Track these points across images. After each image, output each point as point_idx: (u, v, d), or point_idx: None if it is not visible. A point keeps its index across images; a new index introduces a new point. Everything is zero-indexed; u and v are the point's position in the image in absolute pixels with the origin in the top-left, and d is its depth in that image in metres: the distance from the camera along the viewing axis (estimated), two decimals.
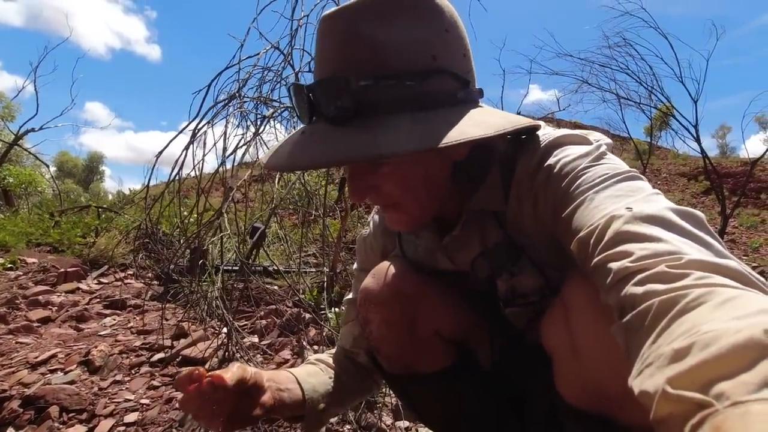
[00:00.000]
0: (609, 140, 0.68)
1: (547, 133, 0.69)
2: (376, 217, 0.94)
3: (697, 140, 5.33)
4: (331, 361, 0.95)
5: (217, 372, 0.68)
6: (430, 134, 0.55)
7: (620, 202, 0.51)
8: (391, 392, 1.49)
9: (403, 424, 1.43)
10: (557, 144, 0.66)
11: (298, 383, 0.84)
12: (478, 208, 0.72)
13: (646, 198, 0.51)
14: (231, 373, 0.69)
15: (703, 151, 5.38)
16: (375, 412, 1.43)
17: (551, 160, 0.63)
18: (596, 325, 0.56)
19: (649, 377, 0.34)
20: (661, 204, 0.49)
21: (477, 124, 0.58)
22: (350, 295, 1.00)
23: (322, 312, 2.10)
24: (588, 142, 0.65)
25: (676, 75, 5.36)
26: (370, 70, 0.56)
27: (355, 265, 1.01)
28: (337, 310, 2.09)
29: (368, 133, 0.55)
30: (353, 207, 3.01)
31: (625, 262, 0.44)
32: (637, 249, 0.44)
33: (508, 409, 0.88)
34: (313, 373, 0.89)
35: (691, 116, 5.54)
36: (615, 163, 0.60)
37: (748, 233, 7.24)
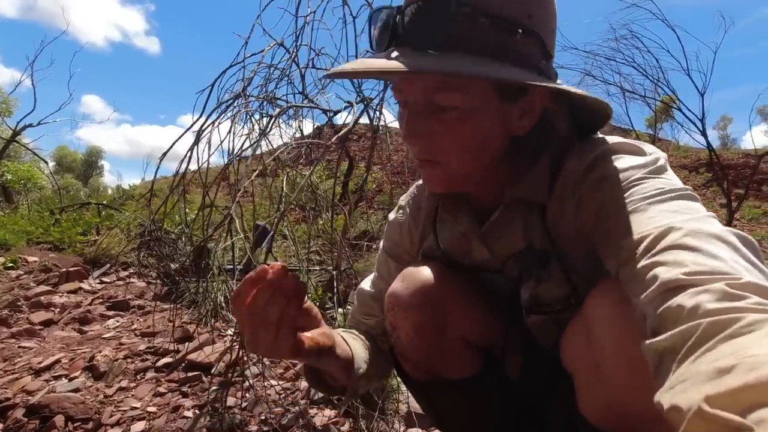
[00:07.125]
0: (664, 154, 0.66)
1: (602, 137, 0.68)
2: (410, 201, 0.90)
3: (704, 134, 5.29)
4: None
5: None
6: (514, 74, 0.57)
7: (677, 217, 0.49)
8: (401, 399, 1.47)
9: (416, 431, 1.40)
10: (613, 150, 0.64)
11: (346, 342, 0.79)
12: (521, 197, 0.70)
13: (703, 218, 0.49)
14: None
15: (709, 145, 5.34)
16: (387, 418, 1.41)
17: (605, 165, 0.62)
18: (621, 342, 0.55)
19: (682, 392, 0.32)
20: (718, 225, 0.48)
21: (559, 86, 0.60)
22: (369, 280, 0.96)
23: (328, 311, 2.07)
24: (643, 153, 0.64)
25: (682, 68, 5.30)
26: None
27: (381, 243, 0.97)
28: (342, 310, 2.06)
29: (451, 59, 0.56)
30: (356, 204, 2.97)
31: (677, 273, 0.42)
32: (692, 262, 0.42)
33: (529, 421, 0.87)
34: (354, 338, 0.86)
35: (697, 109, 5.50)
36: (672, 179, 0.59)
37: (750, 225, 7.20)
